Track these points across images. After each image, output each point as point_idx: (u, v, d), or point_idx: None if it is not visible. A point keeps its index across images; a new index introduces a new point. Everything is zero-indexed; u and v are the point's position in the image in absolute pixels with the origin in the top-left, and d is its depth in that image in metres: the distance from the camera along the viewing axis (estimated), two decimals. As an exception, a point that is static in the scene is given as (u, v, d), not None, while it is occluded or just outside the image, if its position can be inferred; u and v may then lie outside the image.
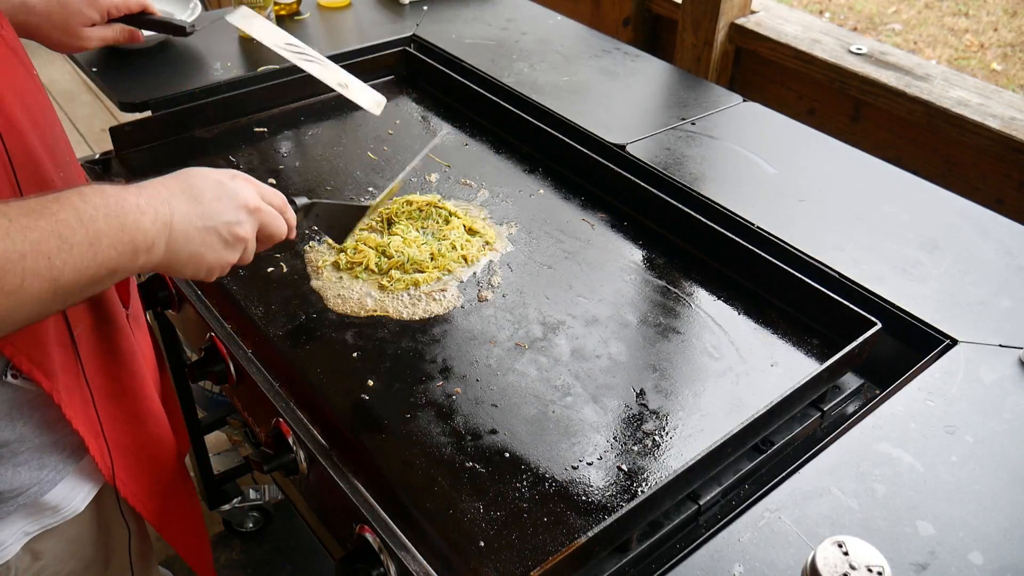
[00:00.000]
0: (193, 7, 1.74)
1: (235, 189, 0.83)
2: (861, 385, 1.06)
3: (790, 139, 1.47)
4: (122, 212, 0.73)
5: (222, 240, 0.82)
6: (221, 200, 0.82)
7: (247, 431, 1.88)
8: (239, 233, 0.83)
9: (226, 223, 0.82)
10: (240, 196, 0.83)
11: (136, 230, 0.73)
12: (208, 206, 0.81)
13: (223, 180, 0.83)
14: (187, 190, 0.80)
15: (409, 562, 0.81)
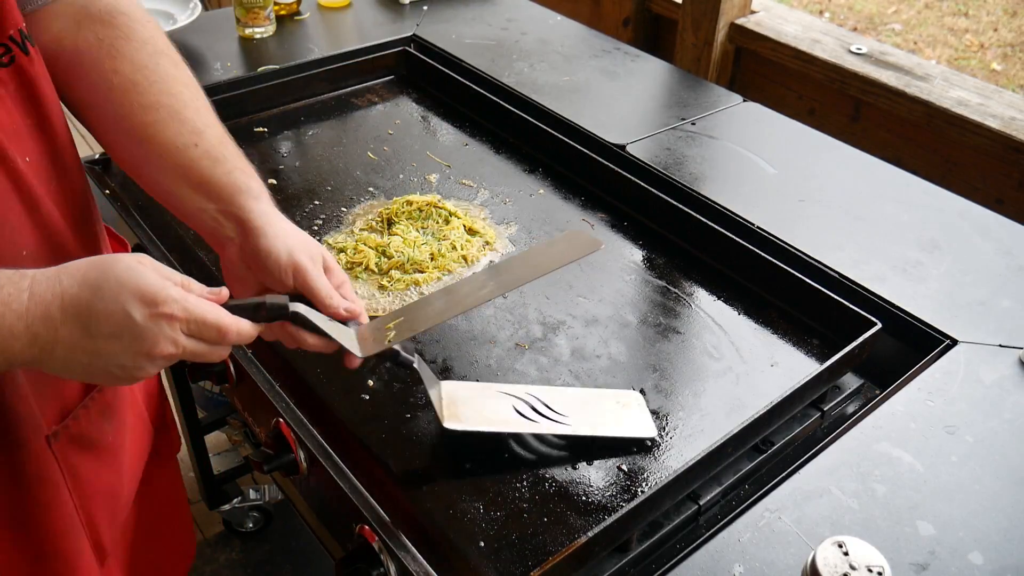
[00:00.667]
0: (193, 7, 1.74)
1: (143, 334, 0.66)
2: (861, 385, 1.06)
3: (790, 139, 1.47)
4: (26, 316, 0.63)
5: (115, 377, 0.69)
6: (120, 340, 0.66)
7: (247, 431, 1.87)
8: (138, 376, 0.69)
9: (119, 366, 0.67)
10: (146, 343, 0.66)
11: (12, 352, 0.64)
12: (101, 344, 0.65)
13: (135, 318, 0.65)
14: (84, 316, 0.65)
15: (409, 562, 0.81)
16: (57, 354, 0.65)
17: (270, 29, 1.74)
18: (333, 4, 1.89)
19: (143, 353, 0.67)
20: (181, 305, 0.68)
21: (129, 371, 0.68)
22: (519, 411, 0.93)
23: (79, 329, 0.65)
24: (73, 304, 0.64)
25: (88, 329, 0.65)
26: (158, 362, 0.68)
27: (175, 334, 0.68)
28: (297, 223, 1.25)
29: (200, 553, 1.96)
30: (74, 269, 0.66)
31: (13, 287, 0.64)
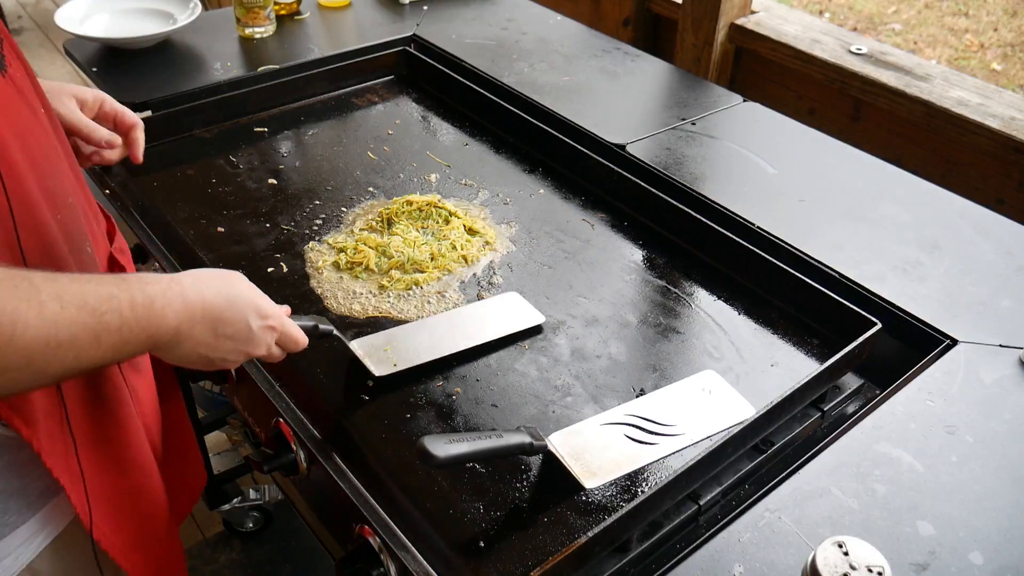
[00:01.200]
0: (193, 7, 1.74)
1: (253, 339, 0.86)
2: (861, 385, 1.06)
3: (790, 139, 1.47)
4: (156, 327, 0.77)
5: (209, 364, 0.86)
6: (235, 341, 0.85)
7: (247, 431, 1.87)
8: (227, 367, 0.87)
9: (222, 360, 0.85)
10: (251, 346, 0.86)
11: (154, 343, 0.78)
12: (220, 343, 0.84)
13: (252, 325, 0.85)
14: (215, 322, 0.83)
15: (409, 562, 0.81)
16: (184, 347, 0.81)
17: (270, 29, 1.74)
18: (333, 4, 1.89)
19: (246, 352, 0.86)
20: (280, 321, 0.89)
21: (224, 363, 0.86)
22: (632, 438, 0.93)
23: (209, 330, 0.82)
24: (211, 310, 0.82)
25: (215, 331, 0.83)
26: (247, 357, 0.87)
27: (271, 341, 0.88)
28: (297, 223, 1.26)
29: (200, 553, 1.96)
30: (214, 280, 0.84)
31: (172, 290, 0.79)
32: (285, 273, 1.17)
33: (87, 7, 1.71)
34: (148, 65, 1.60)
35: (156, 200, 1.30)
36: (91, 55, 1.63)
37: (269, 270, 1.17)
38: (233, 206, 1.30)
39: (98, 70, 1.57)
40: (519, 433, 0.87)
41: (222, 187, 1.34)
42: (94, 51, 1.64)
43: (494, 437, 0.84)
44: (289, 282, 1.15)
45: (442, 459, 0.79)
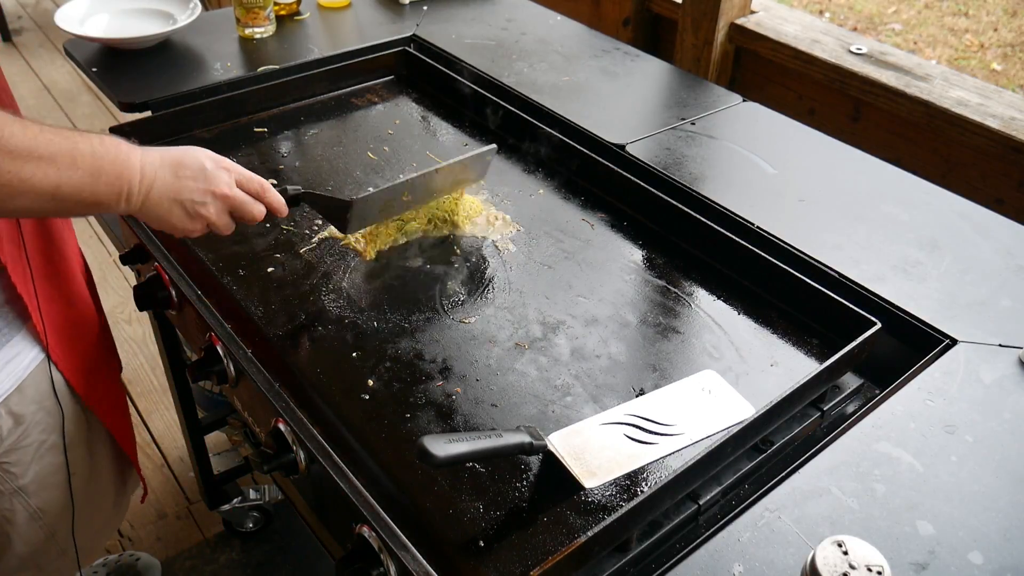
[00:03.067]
0: (193, 7, 1.74)
1: (211, 175, 0.97)
2: (861, 385, 1.06)
3: (790, 139, 1.47)
4: (123, 165, 0.91)
5: (185, 213, 0.97)
6: (196, 181, 0.97)
7: (247, 431, 1.87)
8: (200, 212, 0.98)
9: (191, 201, 0.96)
10: (212, 182, 0.97)
11: (127, 183, 0.91)
12: (183, 183, 0.96)
13: (206, 165, 0.97)
14: (174, 166, 0.95)
15: (409, 562, 0.81)
16: (154, 191, 0.94)
17: (270, 29, 1.74)
18: (333, 4, 1.89)
19: (208, 190, 0.97)
20: (236, 166, 1.02)
21: (196, 207, 0.97)
22: (632, 437, 0.93)
23: (171, 173, 0.95)
24: (169, 157, 0.96)
25: (176, 173, 0.95)
26: (217, 201, 0.98)
27: (231, 181, 0.99)
28: (297, 223, 1.26)
29: (200, 553, 1.96)
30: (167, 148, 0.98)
31: (130, 146, 0.93)
32: (285, 273, 1.17)
33: (87, 7, 1.71)
34: (148, 65, 1.60)
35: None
36: (91, 55, 1.63)
37: (269, 270, 1.17)
38: (233, 206, 1.29)
39: (98, 70, 1.57)
40: (519, 433, 0.87)
41: (222, 187, 1.34)
42: (94, 51, 1.64)
43: (494, 437, 0.84)
44: (289, 282, 1.15)
45: (442, 459, 0.80)
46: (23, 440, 1.10)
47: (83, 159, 0.87)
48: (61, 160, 0.85)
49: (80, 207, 0.90)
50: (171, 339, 1.61)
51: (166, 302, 1.22)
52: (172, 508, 2.06)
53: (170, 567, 1.93)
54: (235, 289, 1.13)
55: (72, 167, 0.86)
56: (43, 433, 1.13)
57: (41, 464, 1.14)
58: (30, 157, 0.83)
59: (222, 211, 0.99)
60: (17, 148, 0.82)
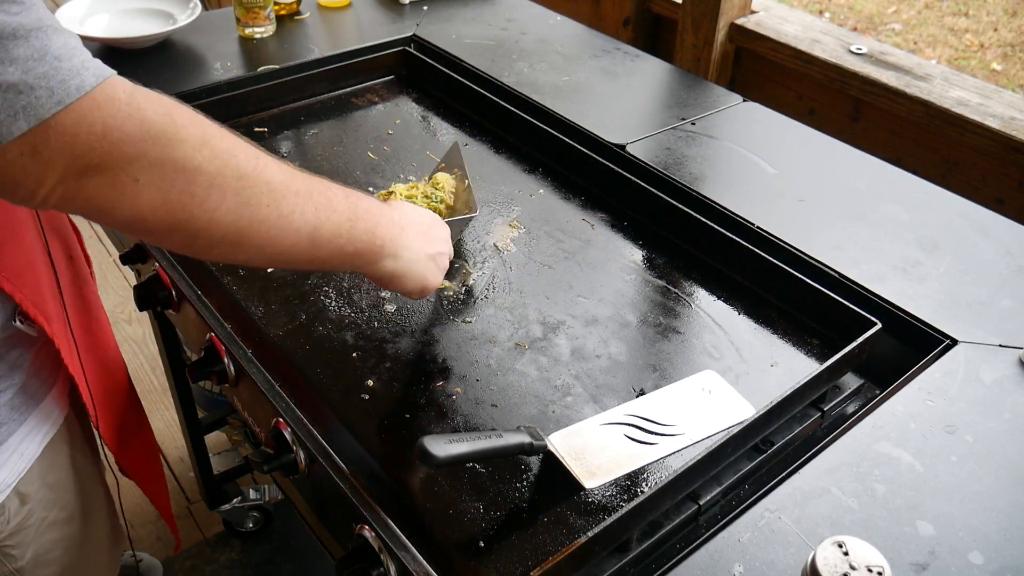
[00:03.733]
0: (193, 7, 1.74)
1: (440, 230, 0.99)
2: (861, 385, 1.06)
3: (790, 139, 1.47)
4: (378, 213, 0.86)
5: (437, 267, 0.96)
6: (438, 230, 0.97)
7: (247, 431, 1.88)
8: (443, 264, 0.97)
9: (439, 254, 0.96)
10: (446, 233, 1.00)
11: (382, 236, 0.86)
12: (432, 234, 0.95)
13: (436, 219, 0.99)
14: (416, 226, 0.93)
15: (409, 562, 0.81)
16: (411, 246, 0.91)
17: (270, 29, 1.74)
18: (333, 4, 1.89)
19: (447, 240, 0.99)
20: None
21: (441, 259, 0.97)
22: (632, 438, 0.93)
23: (418, 234, 0.93)
24: (408, 211, 0.95)
25: (423, 232, 0.94)
26: (447, 256, 0.99)
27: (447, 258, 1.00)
28: (297, 223, 1.26)
29: (200, 553, 1.96)
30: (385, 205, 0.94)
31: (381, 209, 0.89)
32: (285, 273, 1.17)
33: (87, 7, 1.71)
34: (148, 65, 1.60)
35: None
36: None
37: (269, 270, 1.17)
38: (233, 206, 1.29)
39: (98, 70, 1.57)
40: (519, 433, 0.87)
41: (222, 187, 1.34)
42: (94, 51, 1.63)
43: (494, 437, 0.84)
44: (289, 282, 1.15)
45: (442, 459, 0.79)
46: (27, 520, 1.05)
47: (337, 199, 0.80)
48: (317, 198, 0.78)
49: (336, 257, 0.83)
50: (171, 339, 1.61)
51: (166, 302, 1.22)
52: (172, 508, 2.06)
53: (170, 567, 1.93)
54: (235, 289, 1.13)
55: (328, 207, 0.79)
56: (45, 510, 1.07)
57: (39, 542, 1.07)
58: (287, 192, 0.75)
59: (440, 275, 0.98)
60: (274, 180, 0.74)
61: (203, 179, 0.70)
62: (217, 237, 0.73)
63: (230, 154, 0.73)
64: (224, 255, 0.77)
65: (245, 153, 0.74)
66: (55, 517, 1.09)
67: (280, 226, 0.75)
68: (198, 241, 0.73)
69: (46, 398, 1.03)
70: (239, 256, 0.77)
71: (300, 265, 0.90)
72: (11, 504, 1.02)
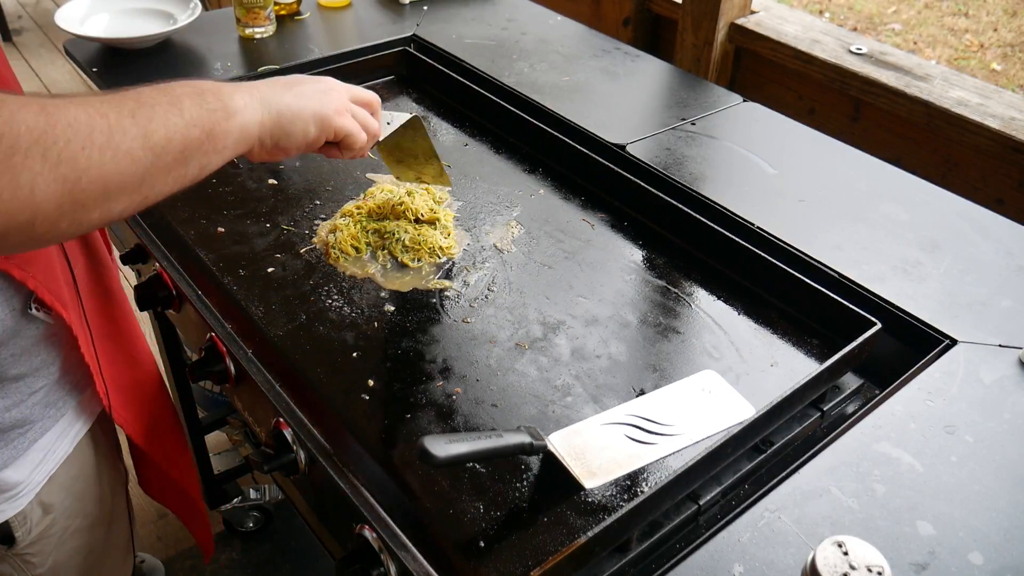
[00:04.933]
0: (193, 7, 1.74)
1: (323, 78, 0.93)
2: (861, 385, 1.06)
3: (790, 139, 1.47)
4: (201, 86, 0.77)
5: (313, 94, 0.88)
6: (312, 82, 0.90)
7: (247, 431, 1.88)
8: (334, 101, 0.90)
9: (318, 95, 0.89)
10: (328, 80, 0.92)
11: (218, 93, 0.78)
12: (298, 86, 0.88)
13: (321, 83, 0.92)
14: (278, 82, 0.88)
15: (409, 562, 0.81)
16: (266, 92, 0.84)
17: (270, 29, 1.74)
18: (333, 4, 1.89)
19: (326, 86, 0.91)
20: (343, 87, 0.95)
21: (324, 100, 0.89)
22: (632, 438, 0.93)
23: (283, 85, 0.87)
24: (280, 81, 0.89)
25: (288, 84, 0.88)
26: (341, 91, 0.93)
27: (344, 91, 0.94)
28: (297, 223, 1.26)
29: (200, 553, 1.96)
30: None
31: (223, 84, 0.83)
32: (285, 273, 1.17)
33: (87, 7, 1.71)
34: (148, 65, 1.60)
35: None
36: (91, 55, 1.63)
37: (269, 270, 1.17)
38: (233, 206, 1.30)
39: (98, 70, 1.57)
40: (519, 433, 0.87)
41: (222, 187, 1.34)
42: (94, 51, 1.64)
43: (494, 437, 0.84)
44: (289, 282, 1.15)
45: (442, 459, 0.79)
46: (50, 530, 1.04)
47: (149, 98, 0.71)
48: (127, 106, 0.68)
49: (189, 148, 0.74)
50: (171, 339, 1.61)
51: (166, 302, 1.22)
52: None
53: (170, 567, 1.93)
54: (235, 289, 1.13)
55: (144, 106, 0.70)
56: (68, 519, 1.07)
57: (61, 551, 1.07)
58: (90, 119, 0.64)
59: (348, 109, 0.92)
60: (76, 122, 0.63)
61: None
62: (54, 212, 0.62)
63: (11, 122, 0.59)
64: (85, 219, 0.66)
65: (27, 111, 0.61)
66: (78, 525, 1.08)
67: (107, 157, 0.65)
68: (38, 227, 0.62)
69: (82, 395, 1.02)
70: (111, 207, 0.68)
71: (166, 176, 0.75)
72: (34, 514, 1.01)
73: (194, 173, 0.77)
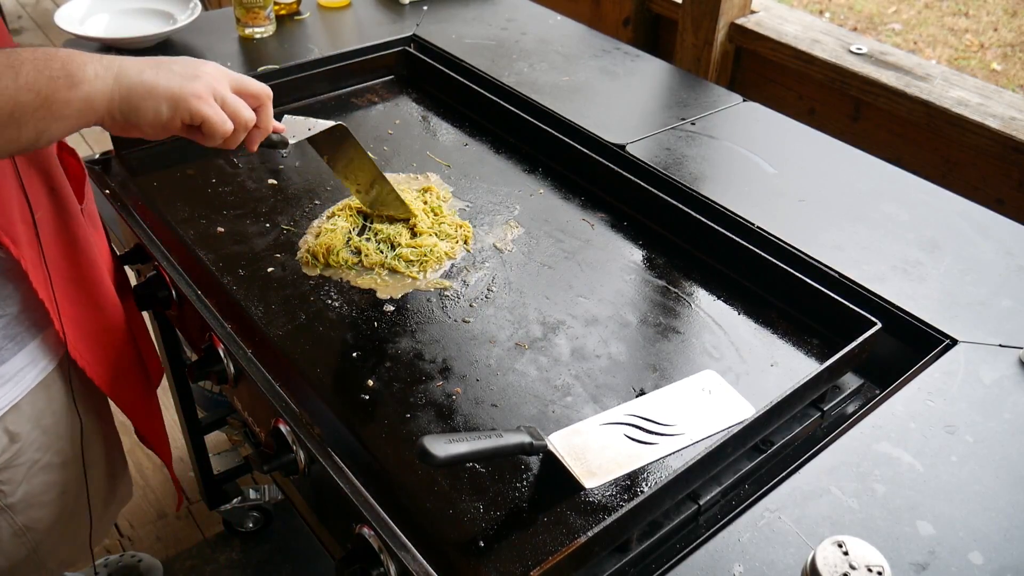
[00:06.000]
0: (193, 7, 1.74)
1: (194, 61, 0.90)
2: (861, 385, 1.06)
3: (790, 139, 1.47)
4: (54, 53, 0.78)
5: (178, 74, 0.86)
6: (180, 64, 0.88)
7: (247, 431, 1.87)
8: (195, 89, 0.87)
9: (179, 77, 0.87)
10: (197, 63, 0.89)
11: (68, 62, 0.79)
12: (164, 65, 0.87)
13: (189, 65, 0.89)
14: (150, 60, 0.86)
15: (409, 562, 0.81)
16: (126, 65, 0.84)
17: (270, 29, 1.74)
18: (333, 4, 1.89)
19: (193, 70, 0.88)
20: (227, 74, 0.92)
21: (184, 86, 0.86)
22: (632, 437, 0.93)
23: (150, 64, 0.86)
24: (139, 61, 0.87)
25: (156, 63, 0.87)
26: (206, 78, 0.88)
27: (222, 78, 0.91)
28: (297, 223, 1.26)
29: (200, 553, 1.96)
30: None
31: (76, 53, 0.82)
32: (285, 273, 1.17)
33: (87, 7, 1.71)
34: (148, 65, 1.60)
35: (156, 200, 1.30)
36: (91, 55, 1.63)
37: (269, 270, 1.17)
38: (233, 206, 1.30)
39: (98, 70, 1.57)
40: (519, 433, 0.87)
41: (222, 187, 1.34)
42: (94, 51, 1.64)
43: (494, 437, 0.84)
44: (289, 282, 1.15)
45: (442, 459, 0.79)
46: (16, 459, 1.06)
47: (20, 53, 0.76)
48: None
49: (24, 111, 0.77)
50: (171, 339, 1.61)
51: (166, 302, 1.22)
52: (172, 508, 2.06)
53: (170, 567, 1.93)
54: (235, 289, 1.13)
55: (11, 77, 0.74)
56: (37, 452, 1.08)
57: (32, 483, 1.10)
58: None
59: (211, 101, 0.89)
60: None
61: None
62: None
63: None
64: None
65: None
66: (49, 460, 1.10)
67: None
68: None
69: (44, 332, 1.04)
70: None
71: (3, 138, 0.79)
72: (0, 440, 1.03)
73: (29, 137, 0.79)
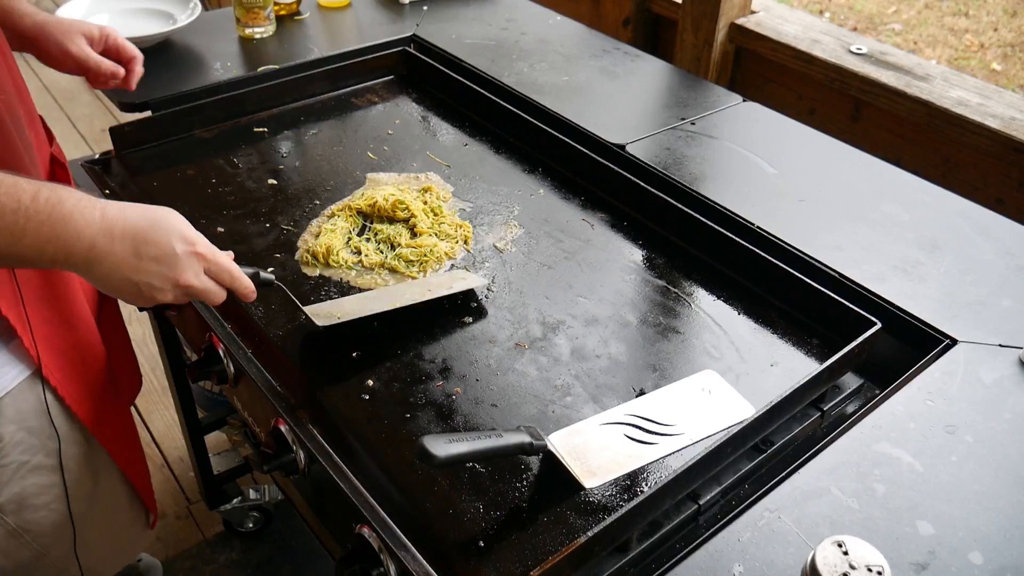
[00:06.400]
0: (193, 7, 1.74)
1: (178, 262, 0.88)
2: (861, 385, 1.06)
3: (790, 139, 1.47)
4: (60, 229, 0.80)
5: (138, 294, 0.88)
6: (159, 264, 0.87)
7: (247, 431, 1.87)
8: (156, 296, 0.89)
9: (148, 285, 0.88)
10: (177, 271, 0.88)
11: (66, 250, 0.81)
12: (143, 264, 0.86)
13: (176, 249, 0.88)
14: (137, 241, 0.85)
15: (409, 562, 0.81)
16: (104, 265, 0.84)
17: (270, 29, 1.74)
18: (333, 4, 1.89)
19: (171, 278, 0.88)
20: (210, 250, 0.92)
21: (152, 291, 0.88)
22: (632, 437, 0.93)
23: (131, 250, 0.85)
24: (132, 230, 0.85)
25: (138, 251, 0.85)
26: (178, 289, 0.89)
27: (199, 269, 0.90)
28: (297, 223, 1.26)
29: (200, 553, 1.96)
30: (139, 207, 0.87)
31: (90, 204, 0.83)
32: (285, 273, 1.17)
33: (87, 7, 1.71)
34: (148, 65, 1.59)
35: (156, 200, 1.30)
36: (91, 55, 1.63)
37: (269, 270, 1.17)
38: (233, 206, 1.30)
39: (98, 70, 1.57)
40: (519, 433, 0.87)
41: (222, 187, 1.34)
42: (94, 51, 1.64)
43: (494, 437, 0.84)
44: (288, 282, 1.15)
45: (442, 459, 0.80)
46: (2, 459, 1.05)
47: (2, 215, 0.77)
48: None
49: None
50: (171, 339, 1.61)
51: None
52: (172, 508, 2.06)
53: (170, 567, 1.92)
54: (235, 289, 1.13)
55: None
56: (24, 454, 1.06)
57: (22, 484, 1.08)
58: None
59: (180, 297, 0.91)
60: None
61: None
62: None
63: None
64: None
65: None
66: (39, 463, 1.08)
67: None
68: None
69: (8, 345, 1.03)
70: None
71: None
72: None
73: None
